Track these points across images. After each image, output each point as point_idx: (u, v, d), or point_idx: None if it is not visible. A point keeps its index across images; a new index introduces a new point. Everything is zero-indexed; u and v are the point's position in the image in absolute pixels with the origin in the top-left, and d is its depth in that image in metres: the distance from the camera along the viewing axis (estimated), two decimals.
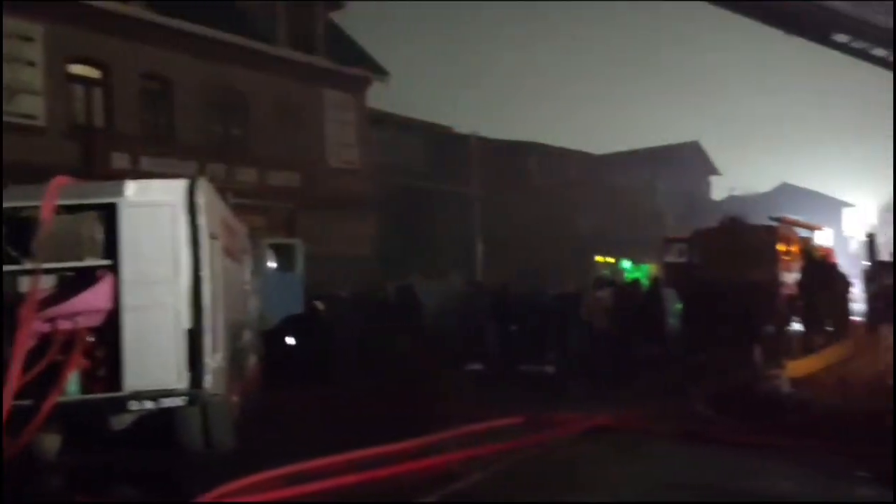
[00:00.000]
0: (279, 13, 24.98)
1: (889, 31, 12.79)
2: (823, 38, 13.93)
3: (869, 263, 12.88)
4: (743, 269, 18.54)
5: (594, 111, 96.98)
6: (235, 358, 9.25)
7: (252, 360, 11.07)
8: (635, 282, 20.38)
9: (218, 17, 22.90)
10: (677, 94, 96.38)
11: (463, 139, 33.44)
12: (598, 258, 37.68)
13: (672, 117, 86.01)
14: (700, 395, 11.12)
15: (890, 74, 13.59)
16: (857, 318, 16.70)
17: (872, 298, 12.84)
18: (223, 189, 10.77)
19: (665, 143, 47.12)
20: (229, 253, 9.44)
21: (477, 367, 15.52)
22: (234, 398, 9.11)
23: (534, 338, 16.32)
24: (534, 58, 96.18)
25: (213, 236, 8.08)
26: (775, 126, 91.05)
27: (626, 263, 38.01)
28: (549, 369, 15.13)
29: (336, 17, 27.69)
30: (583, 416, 9.87)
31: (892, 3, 12.74)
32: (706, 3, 13.58)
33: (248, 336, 10.64)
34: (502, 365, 15.45)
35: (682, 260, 21.16)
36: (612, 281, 22.24)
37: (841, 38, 13.70)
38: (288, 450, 7.79)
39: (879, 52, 13.63)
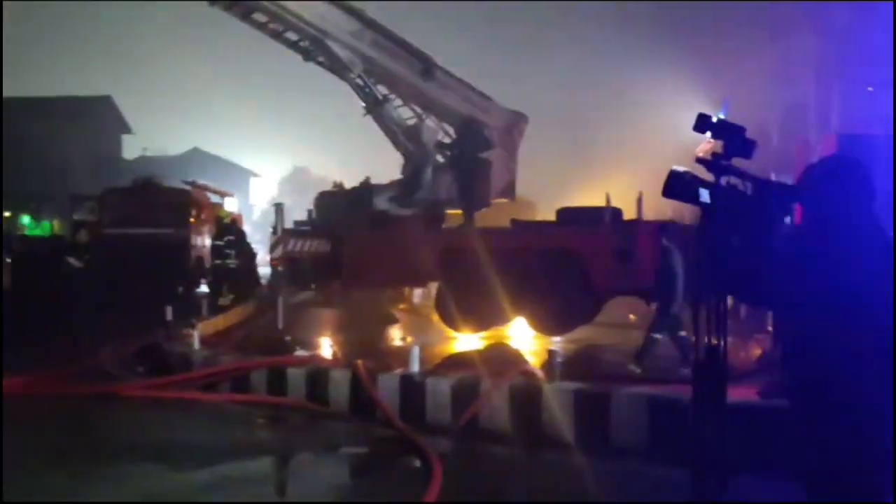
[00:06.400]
0: None
1: (306, 22, 14.09)
2: (245, 16, 14.59)
3: (275, 231, 13.94)
4: (155, 230, 18.72)
5: None
6: None
7: None
8: (40, 238, 19.18)
9: None
10: (87, 44, 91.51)
11: None
12: None
13: (81, 68, 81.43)
14: (111, 354, 10.94)
15: None
16: (262, 281, 18.10)
17: (276, 263, 14.00)
18: None
19: (74, 94, 44.59)
20: None
21: None
22: None
23: None
24: None
25: None
26: (189, 90, 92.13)
27: (26, 219, 35.34)
28: None
29: None
30: None
31: None
32: None
33: None
34: None
35: (92, 218, 20.49)
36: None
37: (260, 17, 14.50)
38: None
39: (291, 36, 14.77)
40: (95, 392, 9.13)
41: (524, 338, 13.21)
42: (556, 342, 11.97)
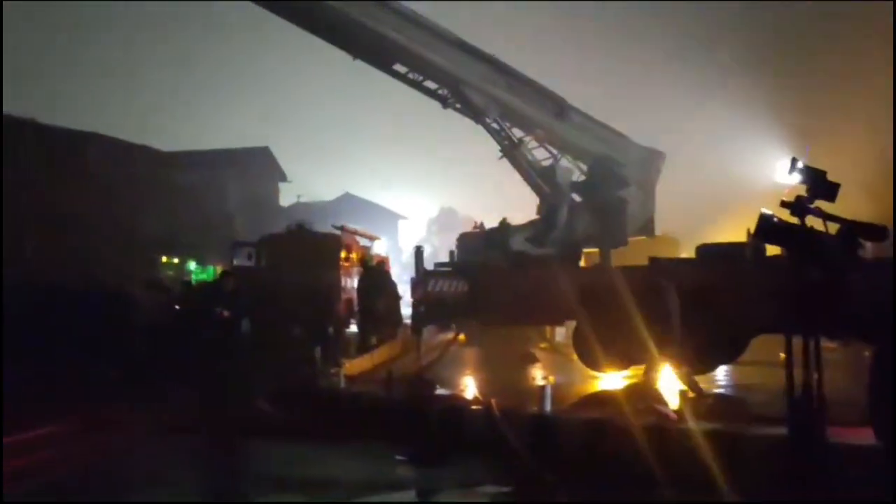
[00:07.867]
0: None
1: (442, 71, 14.67)
2: (385, 66, 15.30)
3: (416, 273, 14.41)
4: (307, 273, 19.64)
5: (161, 107, 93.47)
6: None
7: None
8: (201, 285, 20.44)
9: None
10: (246, 98, 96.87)
11: (18, 124, 30.33)
12: (165, 259, 36.85)
13: (241, 121, 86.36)
14: (263, 392, 11.60)
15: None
16: (406, 322, 18.62)
17: (417, 304, 14.41)
18: None
19: (235, 146, 47.52)
20: None
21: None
22: None
23: (94, 337, 15.58)
24: (93, 47, 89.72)
25: None
26: (340, 137, 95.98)
27: (193, 265, 37.71)
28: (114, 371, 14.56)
29: None
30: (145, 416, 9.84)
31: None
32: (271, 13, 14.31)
33: None
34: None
35: (251, 264, 21.69)
36: (158, 281, 21.84)
37: (401, 68, 15.17)
38: None
39: (430, 84, 15.36)
40: (245, 427, 9.78)
41: (671, 377, 12.99)
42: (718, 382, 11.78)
